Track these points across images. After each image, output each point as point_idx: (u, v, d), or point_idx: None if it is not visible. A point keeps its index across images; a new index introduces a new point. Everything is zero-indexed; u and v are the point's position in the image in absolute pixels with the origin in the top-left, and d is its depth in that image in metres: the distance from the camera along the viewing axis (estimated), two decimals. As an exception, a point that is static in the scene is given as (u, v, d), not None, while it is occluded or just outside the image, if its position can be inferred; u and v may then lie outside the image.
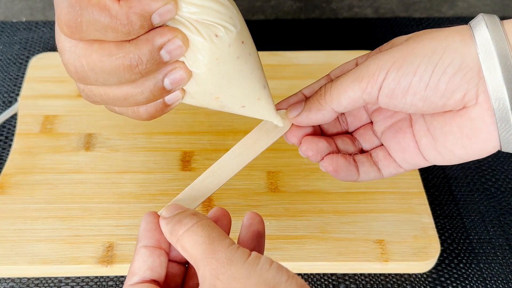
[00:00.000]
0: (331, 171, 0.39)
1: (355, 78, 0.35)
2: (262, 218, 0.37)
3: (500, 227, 0.53)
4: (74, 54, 0.32)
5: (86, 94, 0.35)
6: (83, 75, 0.32)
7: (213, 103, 0.36)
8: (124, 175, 0.54)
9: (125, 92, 0.33)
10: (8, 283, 0.48)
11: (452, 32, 0.34)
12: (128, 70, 0.32)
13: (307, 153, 0.39)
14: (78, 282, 0.49)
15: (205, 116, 0.60)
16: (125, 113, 0.36)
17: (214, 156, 0.56)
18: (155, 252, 0.34)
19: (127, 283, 0.34)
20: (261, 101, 0.37)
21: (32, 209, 0.51)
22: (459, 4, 0.77)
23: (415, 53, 0.33)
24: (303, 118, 0.38)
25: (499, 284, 0.49)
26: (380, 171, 0.40)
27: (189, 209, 0.35)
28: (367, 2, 0.76)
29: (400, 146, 0.38)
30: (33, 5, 0.75)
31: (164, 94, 0.34)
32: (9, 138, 0.59)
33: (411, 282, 0.49)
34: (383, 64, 0.34)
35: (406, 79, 0.33)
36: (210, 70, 0.33)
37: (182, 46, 0.32)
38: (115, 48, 0.31)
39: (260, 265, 0.31)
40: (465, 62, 0.33)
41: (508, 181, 0.57)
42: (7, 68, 0.66)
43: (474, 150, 0.35)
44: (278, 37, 0.71)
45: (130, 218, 0.51)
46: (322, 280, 0.49)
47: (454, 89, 0.33)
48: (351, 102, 0.36)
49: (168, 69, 0.33)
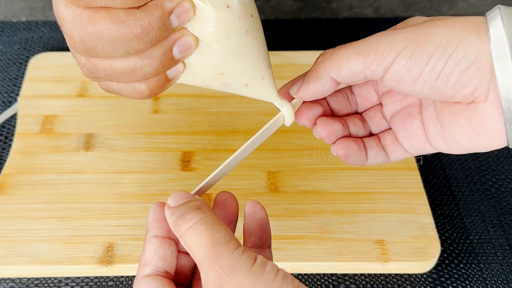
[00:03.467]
0: (341, 154, 0.38)
1: (362, 51, 0.34)
2: (263, 206, 0.37)
3: (500, 227, 0.53)
4: (79, 23, 0.30)
5: (88, 69, 0.33)
6: (89, 45, 0.30)
7: (216, 80, 0.35)
8: (124, 175, 0.54)
9: (133, 64, 0.32)
10: (8, 283, 0.48)
11: (468, 24, 0.33)
12: (139, 38, 0.30)
13: (321, 134, 0.38)
14: (78, 282, 0.48)
15: (205, 116, 0.60)
16: (123, 91, 0.34)
17: (214, 156, 0.56)
18: (165, 242, 0.34)
19: (140, 274, 0.33)
20: (265, 81, 0.35)
21: (32, 209, 0.51)
22: (459, 4, 0.77)
23: (429, 39, 0.32)
24: (303, 90, 0.37)
25: (499, 284, 0.49)
26: (387, 155, 0.39)
27: (194, 199, 0.34)
28: (367, 2, 0.76)
29: (408, 132, 0.38)
30: (33, 5, 0.75)
31: (172, 64, 0.33)
32: (9, 138, 0.59)
33: (411, 282, 0.49)
34: (395, 44, 0.33)
35: (418, 68, 0.33)
36: (218, 42, 0.32)
37: (190, 9, 0.31)
38: (124, 15, 0.30)
39: (266, 274, 0.30)
40: (479, 57, 0.32)
41: (508, 181, 0.56)
42: (7, 68, 0.66)
43: (480, 144, 0.34)
44: (278, 37, 0.71)
45: (130, 218, 0.51)
46: (322, 280, 0.49)
47: (465, 83, 0.32)
48: (351, 74, 0.34)
49: (177, 36, 0.32)
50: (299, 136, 0.57)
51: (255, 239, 0.37)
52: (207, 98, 0.61)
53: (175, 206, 0.33)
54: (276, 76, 0.37)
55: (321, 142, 0.57)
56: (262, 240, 0.37)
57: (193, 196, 0.34)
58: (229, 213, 0.37)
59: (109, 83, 0.35)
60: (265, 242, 0.37)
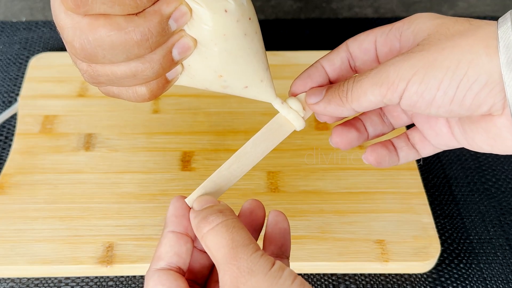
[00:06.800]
0: (373, 162, 0.39)
1: (375, 83, 0.34)
2: (285, 216, 0.37)
3: (500, 227, 0.53)
4: (79, 31, 0.30)
5: (89, 75, 0.33)
6: (90, 52, 0.31)
7: (215, 82, 0.35)
8: (124, 175, 0.54)
9: (134, 69, 0.32)
10: (8, 283, 0.48)
11: (477, 42, 0.32)
12: (139, 44, 0.30)
13: (337, 145, 0.39)
14: (78, 282, 0.48)
15: (205, 116, 0.60)
16: (124, 95, 0.35)
17: (214, 156, 0.56)
18: (182, 239, 0.34)
19: (153, 267, 0.34)
20: (263, 83, 0.36)
21: (32, 209, 0.51)
22: (459, 4, 0.77)
23: (437, 65, 0.32)
24: (321, 108, 0.37)
25: (499, 284, 0.49)
26: (418, 152, 0.40)
27: (218, 204, 0.34)
28: (367, 2, 0.76)
29: (434, 131, 0.38)
30: (33, 5, 0.75)
31: (172, 66, 0.33)
32: (9, 138, 0.59)
33: (411, 282, 0.49)
34: (403, 74, 0.33)
35: (430, 94, 0.32)
36: (217, 45, 0.32)
37: (187, 12, 0.31)
38: (124, 22, 0.30)
39: (283, 279, 0.30)
40: (491, 78, 0.31)
41: (508, 181, 0.56)
42: (7, 68, 0.66)
43: (499, 150, 0.35)
44: (278, 37, 0.71)
45: (130, 218, 0.51)
46: (322, 280, 0.49)
47: (480, 104, 0.32)
48: (372, 105, 0.35)
49: (175, 39, 0.32)
50: (299, 136, 0.57)
51: (274, 248, 0.37)
52: (207, 98, 0.61)
53: (199, 210, 0.34)
54: (277, 76, 0.37)
55: (321, 142, 0.58)
56: (282, 250, 0.37)
57: (217, 200, 0.35)
58: (254, 222, 0.37)
59: (110, 87, 0.35)
60: (284, 252, 0.37)
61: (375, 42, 0.38)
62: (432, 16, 0.36)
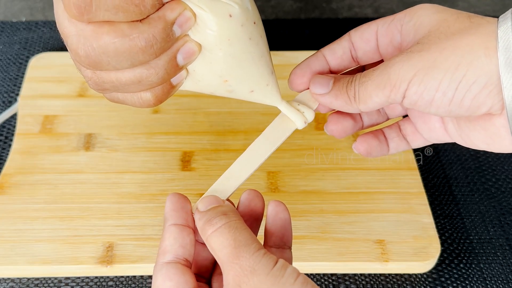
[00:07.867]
0: (363, 152, 0.40)
1: (377, 85, 0.34)
2: (285, 206, 0.37)
3: (500, 227, 0.53)
4: (83, 38, 0.30)
5: (94, 82, 0.33)
6: (95, 59, 0.31)
7: (220, 87, 0.35)
8: (124, 175, 0.54)
9: (139, 75, 0.32)
10: (8, 283, 0.48)
11: (477, 42, 0.32)
12: (143, 51, 0.30)
13: (332, 133, 0.39)
14: (78, 282, 0.48)
15: (205, 116, 0.60)
16: (129, 100, 0.35)
17: (214, 156, 0.56)
18: (184, 230, 0.34)
19: (160, 261, 0.34)
20: (269, 87, 0.36)
21: (32, 209, 0.51)
22: (459, 4, 0.77)
23: (436, 66, 0.32)
24: (327, 101, 0.37)
25: (499, 284, 0.49)
26: (409, 143, 0.40)
27: (223, 205, 0.35)
28: (367, 2, 0.76)
29: (427, 126, 0.38)
30: (33, 5, 0.75)
31: (177, 71, 0.33)
32: (9, 138, 0.59)
33: (411, 282, 0.49)
34: (404, 75, 0.33)
35: (429, 94, 0.33)
36: (222, 49, 0.32)
37: (191, 18, 0.31)
38: (128, 29, 0.30)
39: (285, 278, 0.30)
40: (490, 80, 0.31)
41: (508, 181, 0.56)
42: (7, 68, 0.66)
43: (496, 149, 0.35)
44: (278, 37, 0.71)
45: (130, 218, 0.51)
46: (322, 280, 0.49)
47: (479, 105, 0.32)
48: (378, 105, 0.35)
49: (180, 44, 0.32)
50: (299, 136, 0.57)
51: (276, 239, 0.37)
52: (207, 98, 0.61)
53: (203, 211, 0.34)
54: (277, 76, 0.37)
55: (321, 142, 0.58)
56: (283, 241, 0.37)
57: (222, 201, 0.35)
58: (254, 212, 0.37)
59: (114, 94, 0.35)
60: (285, 243, 0.37)
61: (377, 32, 0.38)
62: (433, 8, 0.35)
